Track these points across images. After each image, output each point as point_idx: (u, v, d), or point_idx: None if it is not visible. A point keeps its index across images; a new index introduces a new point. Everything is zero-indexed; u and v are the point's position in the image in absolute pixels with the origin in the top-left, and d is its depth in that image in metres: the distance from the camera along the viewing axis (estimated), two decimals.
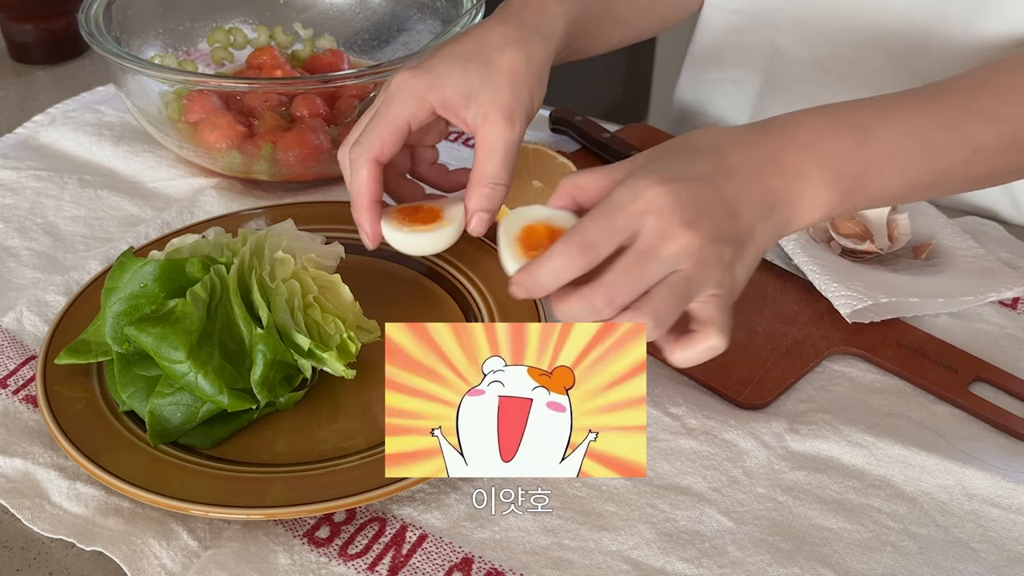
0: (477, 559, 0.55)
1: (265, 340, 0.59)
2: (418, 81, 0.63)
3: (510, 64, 0.64)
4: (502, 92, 0.63)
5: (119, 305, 0.60)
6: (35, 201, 0.82)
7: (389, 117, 0.63)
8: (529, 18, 0.67)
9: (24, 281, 0.74)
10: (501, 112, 0.62)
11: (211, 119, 0.82)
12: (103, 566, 0.55)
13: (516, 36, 0.65)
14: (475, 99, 0.63)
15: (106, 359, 0.62)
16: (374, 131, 0.63)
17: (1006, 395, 0.66)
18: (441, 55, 0.64)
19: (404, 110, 0.63)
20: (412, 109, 0.63)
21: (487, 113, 0.63)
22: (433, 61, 0.64)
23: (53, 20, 1.04)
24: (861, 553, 0.56)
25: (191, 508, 0.54)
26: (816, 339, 0.69)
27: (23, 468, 0.59)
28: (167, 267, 0.61)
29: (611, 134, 0.88)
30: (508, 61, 0.64)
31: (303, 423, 0.61)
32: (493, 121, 0.62)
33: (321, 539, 0.56)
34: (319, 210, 0.77)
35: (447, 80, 0.63)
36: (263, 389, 0.59)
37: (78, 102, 0.96)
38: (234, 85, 0.81)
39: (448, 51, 0.64)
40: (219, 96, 0.83)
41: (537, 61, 0.65)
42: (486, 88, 0.63)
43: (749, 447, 0.61)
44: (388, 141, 0.63)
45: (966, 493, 0.59)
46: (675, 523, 0.57)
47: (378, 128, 0.63)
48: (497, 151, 0.63)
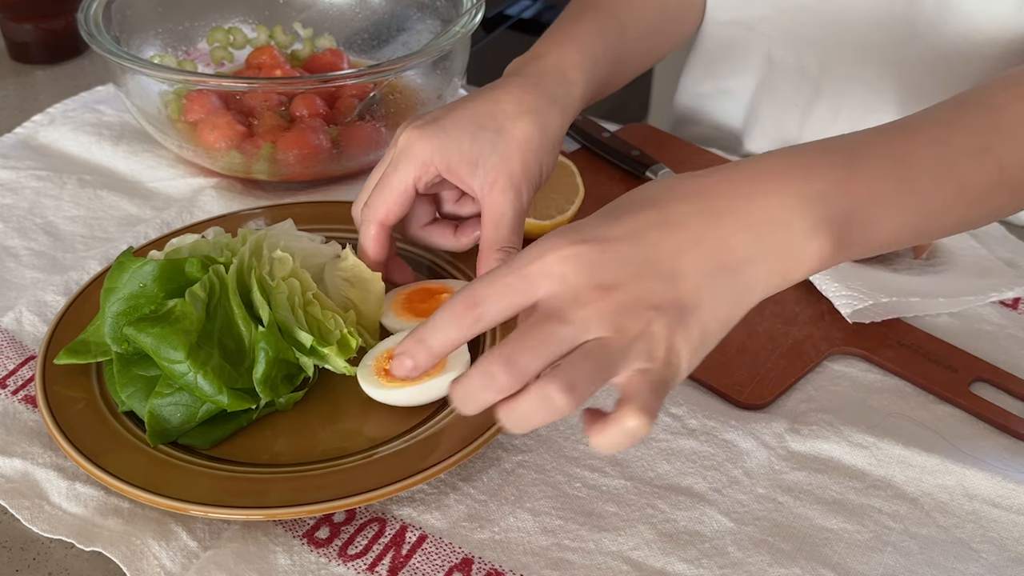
0: (477, 559, 0.55)
1: (267, 338, 0.59)
2: (425, 144, 0.63)
3: (523, 135, 0.63)
4: (511, 162, 0.62)
5: (118, 305, 0.60)
6: (34, 201, 0.82)
7: (395, 182, 0.63)
8: (548, 87, 0.66)
9: (24, 281, 0.74)
10: (509, 182, 0.62)
11: (211, 119, 0.82)
12: (102, 566, 0.55)
13: (533, 105, 0.64)
14: (483, 167, 0.62)
15: (105, 359, 0.62)
16: (379, 196, 0.64)
17: (1006, 395, 0.66)
18: (454, 117, 0.63)
19: (409, 175, 0.63)
20: (417, 173, 0.63)
21: (494, 182, 0.62)
22: (444, 123, 0.63)
23: (53, 20, 1.04)
24: (862, 553, 0.56)
25: (191, 508, 0.54)
26: (816, 339, 0.69)
27: (22, 468, 0.59)
28: (166, 267, 0.60)
29: (611, 134, 0.88)
30: (521, 132, 0.63)
31: (303, 423, 0.61)
32: (501, 189, 0.62)
33: (321, 539, 0.56)
34: (319, 210, 0.77)
35: (455, 146, 0.62)
36: (266, 388, 0.59)
37: (77, 102, 0.96)
38: (234, 85, 0.81)
39: (461, 113, 0.64)
40: (219, 96, 0.83)
41: (551, 132, 0.65)
42: (495, 156, 0.62)
43: (749, 447, 0.61)
44: (393, 205, 0.64)
45: (967, 493, 0.59)
46: (675, 523, 0.57)
47: (383, 193, 0.64)
48: (505, 220, 0.62)
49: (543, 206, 0.75)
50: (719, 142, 1.00)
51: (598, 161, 0.87)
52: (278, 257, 0.63)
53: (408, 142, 0.63)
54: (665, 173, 0.83)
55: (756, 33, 0.92)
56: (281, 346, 0.60)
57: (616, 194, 0.83)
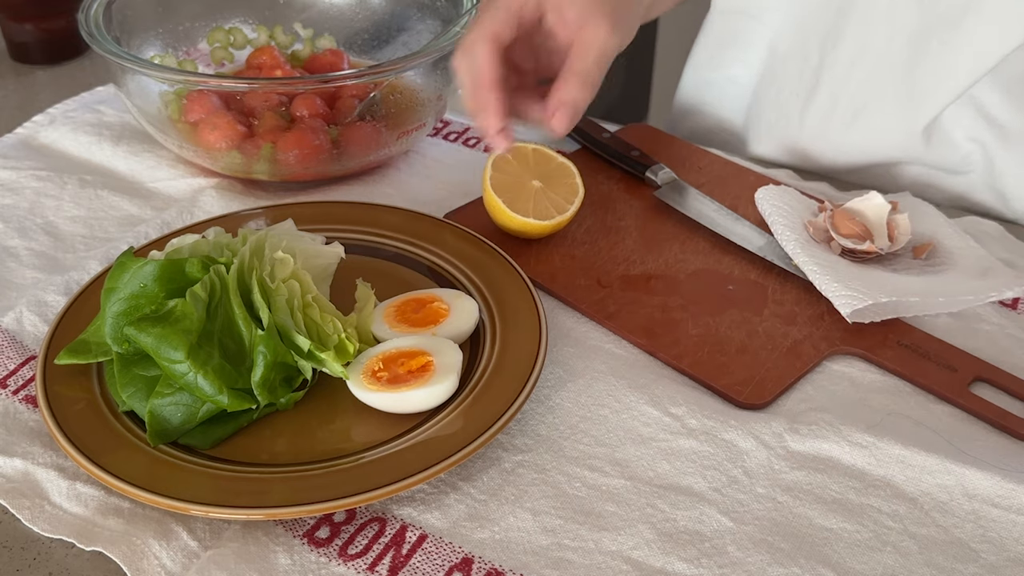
0: (477, 559, 0.55)
1: (266, 342, 0.59)
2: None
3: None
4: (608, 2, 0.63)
5: (119, 305, 0.60)
6: (35, 201, 0.82)
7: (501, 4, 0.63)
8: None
9: (24, 281, 0.74)
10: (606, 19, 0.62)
11: (211, 119, 0.82)
12: (103, 566, 0.55)
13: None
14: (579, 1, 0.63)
15: (106, 359, 0.62)
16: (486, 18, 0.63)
17: (1006, 395, 0.66)
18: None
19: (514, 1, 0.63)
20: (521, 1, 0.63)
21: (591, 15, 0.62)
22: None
23: (53, 20, 1.04)
24: (861, 553, 0.56)
25: (191, 508, 0.54)
26: (816, 339, 0.69)
27: (23, 468, 0.59)
28: (167, 267, 0.60)
29: (611, 134, 0.88)
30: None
31: (303, 423, 0.61)
32: (596, 24, 0.62)
33: (321, 539, 0.56)
34: (319, 210, 0.77)
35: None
36: (264, 390, 0.59)
37: (78, 102, 0.96)
38: (234, 85, 0.81)
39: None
40: (219, 96, 0.83)
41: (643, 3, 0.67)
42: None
43: (749, 447, 0.61)
44: (503, 24, 0.63)
45: (966, 493, 0.59)
46: (675, 523, 0.57)
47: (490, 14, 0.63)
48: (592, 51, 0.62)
49: (543, 206, 0.75)
50: (720, 133, 1.01)
51: (598, 161, 0.87)
52: (279, 258, 0.63)
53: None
54: (665, 173, 0.83)
55: (760, 22, 0.93)
56: (280, 350, 0.60)
57: (616, 194, 0.84)
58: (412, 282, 0.72)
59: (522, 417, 0.63)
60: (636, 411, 0.63)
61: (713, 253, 0.76)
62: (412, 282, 0.72)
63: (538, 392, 0.64)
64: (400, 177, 0.87)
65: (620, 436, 0.62)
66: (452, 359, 0.61)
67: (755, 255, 0.76)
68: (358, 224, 0.76)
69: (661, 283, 0.73)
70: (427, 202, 0.82)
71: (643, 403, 0.63)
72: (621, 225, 0.79)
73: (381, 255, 0.74)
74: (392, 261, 0.73)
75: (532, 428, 0.62)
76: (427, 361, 0.61)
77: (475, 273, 0.71)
